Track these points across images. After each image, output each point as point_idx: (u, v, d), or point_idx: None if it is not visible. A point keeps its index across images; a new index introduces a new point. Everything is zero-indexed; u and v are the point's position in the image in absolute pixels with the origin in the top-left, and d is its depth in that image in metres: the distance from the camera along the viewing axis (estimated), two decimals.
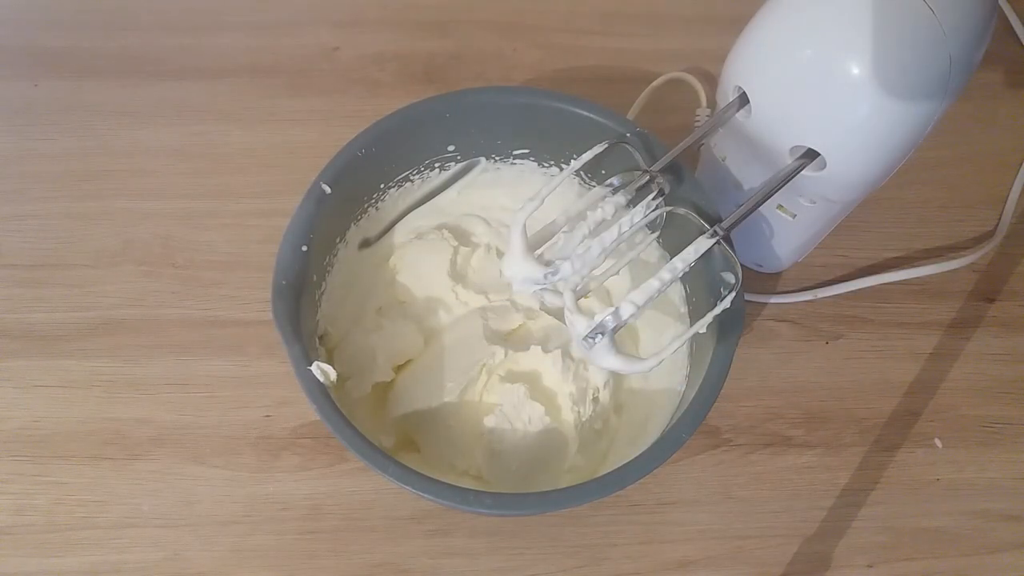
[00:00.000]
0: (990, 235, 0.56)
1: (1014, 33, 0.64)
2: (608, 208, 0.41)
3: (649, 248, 0.44)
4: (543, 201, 0.41)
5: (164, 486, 0.46)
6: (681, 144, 0.41)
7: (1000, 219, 0.57)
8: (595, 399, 0.47)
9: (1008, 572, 0.47)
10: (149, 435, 0.47)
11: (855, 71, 0.36)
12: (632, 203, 0.41)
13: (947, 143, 0.57)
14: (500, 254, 0.50)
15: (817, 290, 0.53)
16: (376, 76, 0.59)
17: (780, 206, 0.46)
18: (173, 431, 0.47)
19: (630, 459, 0.38)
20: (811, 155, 0.40)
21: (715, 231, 0.39)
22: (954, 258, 0.54)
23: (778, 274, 0.54)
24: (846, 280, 0.54)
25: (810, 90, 0.38)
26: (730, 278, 0.40)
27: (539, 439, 0.45)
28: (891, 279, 0.54)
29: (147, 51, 0.59)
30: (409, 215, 0.49)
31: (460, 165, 0.48)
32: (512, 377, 0.47)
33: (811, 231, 0.49)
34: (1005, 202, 0.58)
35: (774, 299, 0.53)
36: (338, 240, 0.46)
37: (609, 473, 0.37)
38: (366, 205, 0.46)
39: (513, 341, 0.49)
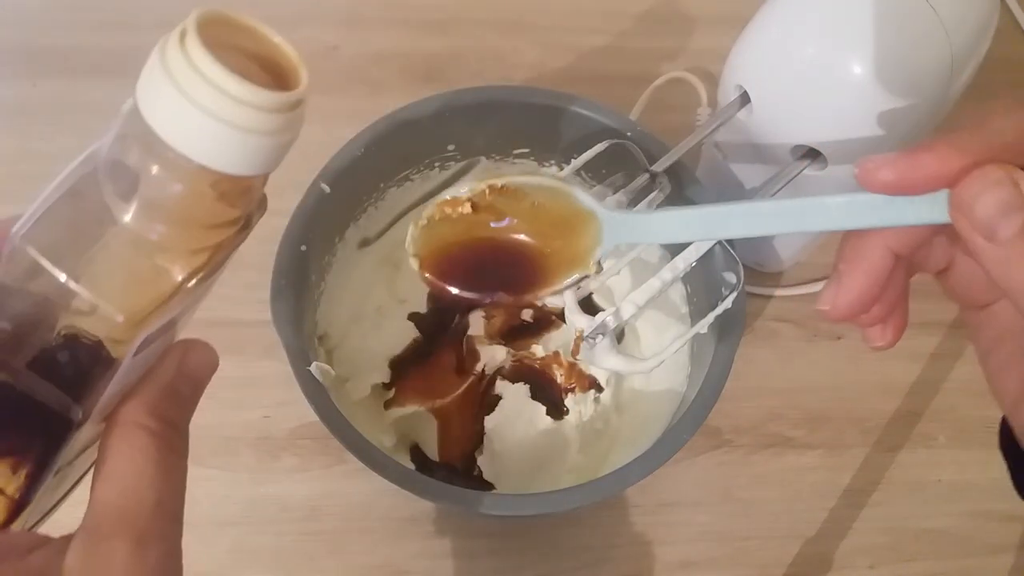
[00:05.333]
0: None
1: (1021, 30, 0.64)
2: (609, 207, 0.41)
3: (650, 248, 0.44)
4: None
5: None
6: (682, 144, 0.41)
7: None
8: (596, 399, 0.47)
9: (1010, 573, 0.47)
10: None
11: (857, 70, 0.36)
12: (633, 202, 0.41)
13: None
14: None
15: (819, 283, 0.53)
16: (376, 75, 0.59)
17: None
18: None
19: (631, 459, 0.37)
20: (812, 154, 0.40)
21: None
22: None
23: (779, 274, 0.54)
24: None
25: (811, 89, 0.38)
26: (731, 278, 0.40)
27: (540, 439, 0.45)
28: None
29: (147, 50, 0.58)
30: (409, 214, 0.49)
31: (460, 164, 0.48)
32: (513, 377, 0.47)
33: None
34: None
35: (778, 291, 0.53)
36: (337, 240, 0.45)
37: (610, 474, 0.37)
38: (366, 204, 0.46)
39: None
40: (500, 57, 0.61)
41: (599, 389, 0.47)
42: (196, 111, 0.19)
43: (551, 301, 0.44)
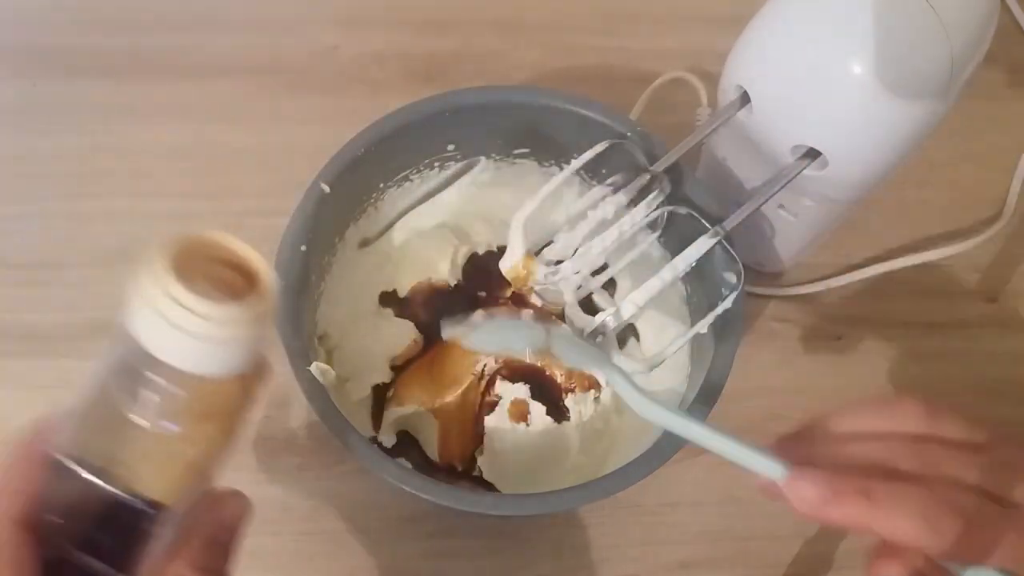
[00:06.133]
0: (991, 235, 0.56)
1: (1021, 30, 0.64)
2: (609, 208, 0.41)
3: (650, 248, 0.44)
4: (543, 200, 0.40)
5: None
6: (682, 144, 0.41)
7: (1001, 219, 0.56)
8: (596, 399, 0.47)
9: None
10: None
11: (856, 70, 0.36)
12: (633, 203, 0.41)
13: (949, 142, 0.57)
14: (500, 253, 0.50)
15: (820, 282, 0.53)
16: (376, 75, 0.59)
17: (781, 206, 0.46)
18: None
19: (632, 459, 0.37)
20: (812, 154, 0.40)
21: (716, 231, 0.39)
22: (955, 258, 0.54)
23: (780, 274, 0.54)
24: (845, 275, 0.54)
25: (811, 89, 0.38)
26: (731, 278, 0.40)
27: (540, 439, 0.45)
28: (891, 277, 0.54)
29: (146, 51, 0.59)
30: (409, 214, 0.49)
31: (460, 164, 0.48)
32: (513, 377, 0.47)
33: (813, 231, 0.48)
34: (1005, 201, 0.57)
35: (778, 291, 0.53)
36: (337, 240, 0.45)
37: (610, 474, 0.37)
38: (365, 204, 0.46)
39: None
40: (500, 57, 0.61)
41: (599, 389, 0.47)
42: (183, 336, 0.22)
43: (551, 301, 0.44)
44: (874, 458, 0.30)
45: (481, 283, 0.49)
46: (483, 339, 0.37)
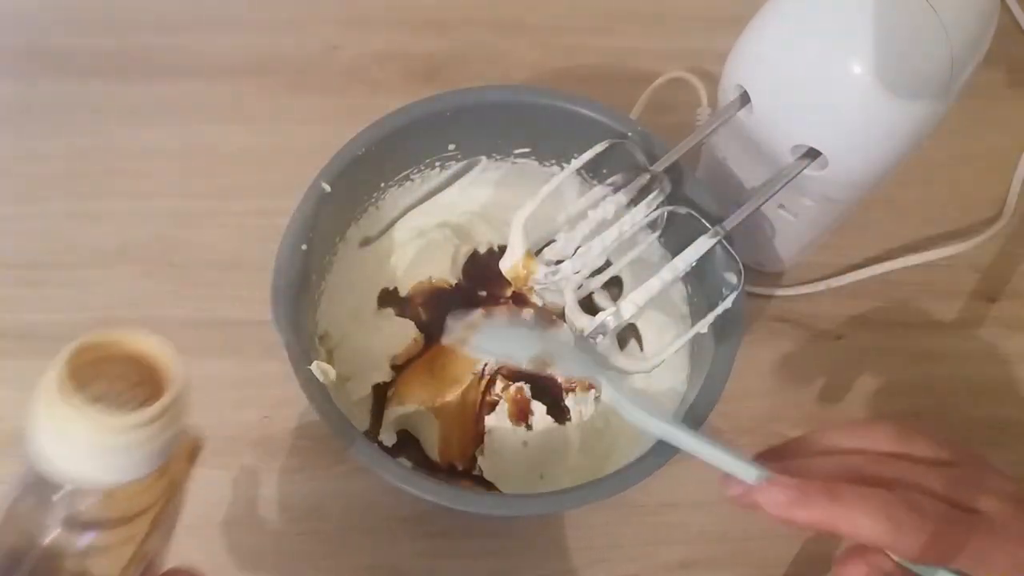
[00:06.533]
0: (991, 235, 0.56)
1: (1021, 30, 0.64)
2: (609, 207, 0.41)
3: (650, 248, 0.44)
4: (543, 199, 0.40)
5: None
6: (683, 144, 0.41)
7: (1001, 219, 0.57)
8: (596, 399, 0.47)
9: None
10: None
11: (857, 70, 0.36)
12: (633, 203, 0.41)
13: (949, 142, 0.57)
14: (501, 253, 0.50)
15: (820, 282, 0.53)
16: (376, 75, 0.59)
17: (781, 206, 0.46)
18: None
19: (632, 459, 0.37)
20: (813, 154, 0.40)
21: (716, 231, 0.39)
22: (955, 258, 0.54)
23: (780, 274, 0.54)
24: (846, 275, 0.54)
25: (811, 89, 0.38)
26: (732, 278, 0.40)
27: (541, 439, 0.45)
28: (891, 278, 0.54)
29: (147, 51, 0.59)
30: (409, 214, 0.49)
31: (461, 164, 0.48)
32: (513, 377, 0.47)
33: (813, 231, 0.48)
34: (1006, 201, 0.57)
35: (778, 291, 0.53)
36: (338, 239, 0.45)
37: (611, 475, 0.37)
38: (366, 204, 0.46)
39: None
40: (500, 56, 0.61)
41: (600, 389, 0.47)
42: (86, 450, 0.21)
43: (552, 300, 0.44)
44: (845, 468, 0.32)
45: (482, 282, 0.49)
46: (481, 344, 0.38)
